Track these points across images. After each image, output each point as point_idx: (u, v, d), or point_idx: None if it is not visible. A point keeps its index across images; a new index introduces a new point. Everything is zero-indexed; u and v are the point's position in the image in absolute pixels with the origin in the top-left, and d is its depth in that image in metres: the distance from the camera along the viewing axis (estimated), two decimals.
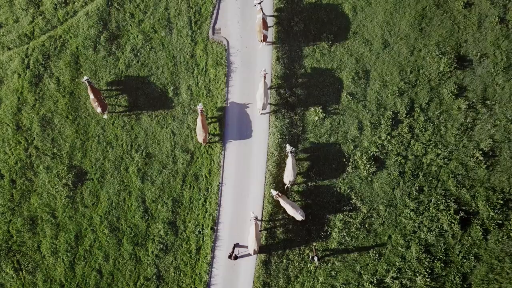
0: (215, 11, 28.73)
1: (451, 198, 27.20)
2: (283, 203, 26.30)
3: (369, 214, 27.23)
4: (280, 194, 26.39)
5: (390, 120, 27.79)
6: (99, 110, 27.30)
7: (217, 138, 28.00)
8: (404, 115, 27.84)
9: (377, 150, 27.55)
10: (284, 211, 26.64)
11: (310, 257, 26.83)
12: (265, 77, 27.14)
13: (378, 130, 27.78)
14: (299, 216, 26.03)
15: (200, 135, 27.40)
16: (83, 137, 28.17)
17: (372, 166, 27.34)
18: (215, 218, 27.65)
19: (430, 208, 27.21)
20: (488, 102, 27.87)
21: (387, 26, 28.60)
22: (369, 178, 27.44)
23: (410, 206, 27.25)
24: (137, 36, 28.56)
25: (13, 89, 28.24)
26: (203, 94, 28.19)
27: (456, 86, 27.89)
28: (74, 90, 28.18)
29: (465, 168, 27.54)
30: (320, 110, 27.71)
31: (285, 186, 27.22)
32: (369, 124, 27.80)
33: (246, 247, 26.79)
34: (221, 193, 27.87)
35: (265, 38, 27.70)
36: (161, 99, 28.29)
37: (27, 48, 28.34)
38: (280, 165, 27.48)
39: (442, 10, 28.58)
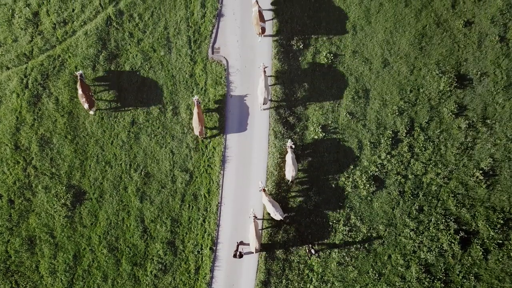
0: (214, 30, 32.80)
1: (451, 218, 31.34)
2: (264, 199, 29.94)
3: (368, 234, 31.44)
4: (265, 189, 30.34)
5: (390, 139, 31.92)
6: (86, 106, 30.92)
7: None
8: (404, 134, 31.89)
9: (377, 170, 31.74)
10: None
11: (308, 251, 30.89)
12: (264, 71, 31.02)
13: (378, 149, 32.00)
14: (278, 216, 29.60)
15: (196, 128, 31.04)
16: (82, 157, 32.39)
17: (371, 185, 31.51)
18: (214, 238, 31.68)
19: (430, 228, 31.38)
20: (488, 121, 31.93)
21: (387, 45, 32.88)
22: (369, 198, 31.62)
23: (410, 225, 31.43)
24: (136, 55, 32.80)
25: (11, 108, 32.35)
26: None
27: (456, 105, 32.00)
28: (73, 109, 32.37)
29: (465, 188, 31.70)
30: (320, 130, 31.99)
31: (289, 182, 31.13)
32: (368, 143, 31.97)
33: (248, 244, 30.73)
34: (220, 213, 32.01)
35: (263, 30, 31.50)
36: (160, 118, 32.50)
37: (26, 68, 32.40)
38: (279, 185, 31.81)
39: (442, 29, 32.81)
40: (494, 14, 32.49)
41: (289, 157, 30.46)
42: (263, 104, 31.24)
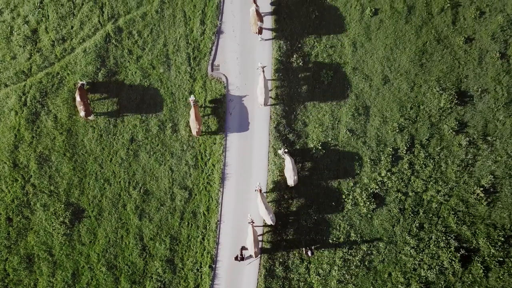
0: (214, 48, 35.77)
1: (452, 235, 34.48)
2: (259, 200, 32.73)
3: (369, 252, 34.61)
4: (261, 190, 33.23)
5: (390, 156, 35.01)
6: (82, 113, 33.81)
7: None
8: (404, 152, 34.92)
9: (377, 187, 34.88)
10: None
11: (305, 252, 33.72)
12: (263, 70, 34.03)
13: (378, 166, 35.19)
14: (269, 220, 32.36)
15: (193, 128, 33.98)
16: (81, 174, 35.54)
17: (372, 203, 34.61)
18: (213, 256, 34.49)
19: (431, 245, 34.53)
20: (489, 138, 34.93)
21: (387, 62, 36.09)
22: (369, 215, 34.73)
23: (411, 243, 34.59)
24: (135, 72, 35.93)
25: (10, 126, 35.39)
26: (202, 131, 35.78)
27: (457, 122, 35.06)
28: (72, 127, 35.46)
29: (465, 205, 34.83)
30: (320, 147, 35.35)
31: (291, 187, 33.97)
32: (369, 160, 35.08)
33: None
34: (219, 231, 35.03)
35: (260, 30, 34.48)
36: (160, 135, 35.61)
37: (24, 85, 35.35)
38: (279, 203, 35.09)
39: (443, 46, 36.01)
40: (495, 30, 35.44)
41: (288, 162, 33.46)
42: (264, 104, 34.34)
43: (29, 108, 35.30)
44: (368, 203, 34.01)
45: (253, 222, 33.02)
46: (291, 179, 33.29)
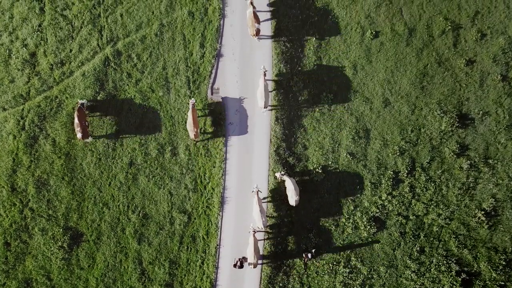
0: (213, 71, 42.61)
1: (453, 259, 41.03)
2: (255, 201, 39.54)
3: (369, 276, 41.17)
4: (260, 191, 40.29)
5: (391, 179, 41.72)
6: (79, 135, 40.55)
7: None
8: (405, 175, 41.58)
9: (378, 211, 41.53)
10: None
11: (304, 257, 40.31)
12: (265, 74, 41.15)
13: (378, 190, 41.87)
14: (260, 223, 39.15)
15: (191, 131, 40.77)
16: (79, 198, 42.22)
17: (372, 226, 41.18)
18: (212, 281, 40.69)
19: (432, 269, 41.13)
20: (490, 161, 41.61)
21: (388, 85, 42.94)
22: (370, 239, 41.61)
23: (411, 267, 41.16)
24: (135, 95, 42.62)
25: (8, 150, 42.07)
26: (201, 154, 42.05)
27: (458, 145, 41.69)
28: (70, 151, 42.26)
29: (467, 228, 41.45)
30: (320, 170, 42.08)
31: (291, 208, 40.47)
32: (369, 184, 41.82)
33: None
34: (219, 255, 41.31)
35: (257, 32, 41.84)
36: (159, 159, 42.35)
37: (23, 109, 42.17)
38: (280, 227, 41.73)
39: (444, 68, 42.84)
40: (496, 53, 42.42)
41: (289, 182, 40.18)
42: (264, 107, 41.25)
43: (28, 132, 42.14)
44: (369, 226, 40.68)
45: (255, 232, 39.71)
46: (292, 199, 40.05)
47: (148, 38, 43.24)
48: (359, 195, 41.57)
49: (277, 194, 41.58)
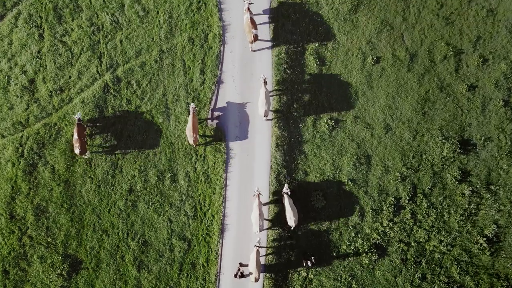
0: (213, 97, 51.24)
1: (455, 286, 47.99)
2: (255, 205, 46.48)
3: None
4: (261, 194, 47.98)
5: (392, 206, 49.29)
6: (77, 151, 48.35)
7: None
8: (407, 201, 49.37)
9: (379, 237, 49.19)
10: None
11: (305, 263, 47.72)
12: (265, 82, 49.48)
13: (379, 216, 49.58)
14: (257, 227, 45.97)
15: (190, 136, 48.33)
16: (78, 226, 49.95)
17: (373, 253, 48.50)
18: None
19: None
20: (492, 187, 49.44)
21: (389, 110, 51.09)
22: (371, 266, 48.58)
23: None
24: (134, 122, 51.12)
25: (6, 178, 49.95)
26: (201, 180, 50.19)
27: (460, 171, 49.43)
28: (70, 178, 50.33)
29: (468, 255, 48.87)
30: (321, 197, 50.00)
31: (291, 228, 48.13)
32: (370, 210, 49.42)
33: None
34: (219, 283, 48.43)
35: (255, 38, 50.31)
36: (158, 186, 50.24)
37: (22, 136, 50.28)
38: (280, 254, 49.61)
39: (445, 93, 51.05)
40: (498, 78, 51.04)
41: (287, 203, 47.93)
42: (264, 116, 49.58)
43: (26, 160, 50.55)
44: (370, 253, 48.81)
45: (259, 247, 47.29)
46: (291, 220, 47.67)
47: (148, 65, 52.03)
48: (360, 222, 49.50)
49: (278, 222, 49.30)
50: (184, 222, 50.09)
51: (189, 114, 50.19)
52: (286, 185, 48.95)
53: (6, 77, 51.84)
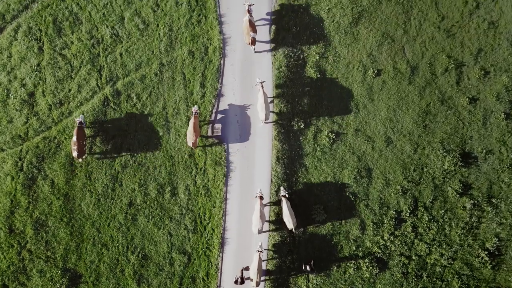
0: (214, 110, 56.06)
1: None
2: (256, 206, 50.30)
3: None
4: (262, 197, 52.10)
5: (393, 219, 53.81)
6: (75, 154, 52.36)
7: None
8: (408, 214, 53.90)
9: (380, 251, 53.55)
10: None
11: (304, 268, 51.78)
12: (262, 86, 54.15)
13: (380, 229, 54.05)
14: (256, 228, 49.41)
15: (190, 139, 51.96)
16: (78, 239, 54.44)
17: (374, 267, 52.76)
18: None
19: None
20: (493, 200, 53.94)
21: (390, 123, 55.77)
22: (372, 280, 52.90)
23: None
24: (134, 136, 55.78)
25: (6, 191, 54.46)
26: (201, 194, 54.66)
27: (461, 184, 53.93)
28: (69, 192, 54.92)
29: (470, 268, 53.12)
30: (322, 211, 54.58)
31: (291, 230, 52.68)
32: (371, 223, 53.91)
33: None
34: None
35: (253, 41, 54.90)
36: (158, 199, 54.76)
37: (21, 150, 54.92)
38: (281, 268, 54.11)
39: (447, 106, 55.81)
40: (500, 91, 55.80)
41: (285, 206, 52.11)
42: (265, 119, 54.23)
43: (26, 173, 55.23)
44: (371, 267, 53.33)
45: (261, 252, 51.55)
46: (290, 223, 52.18)
47: (148, 78, 56.82)
48: (361, 235, 54.02)
49: (278, 236, 53.88)
50: (184, 235, 54.52)
51: (191, 116, 55.07)
52: (282, 188, 53.75)
53: (6, 90, 56.48)
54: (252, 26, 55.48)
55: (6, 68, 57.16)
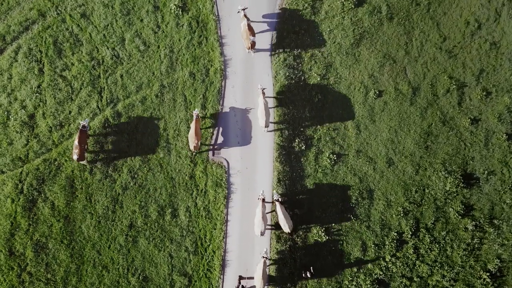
0: (215, 132, 63.99)
1: None
2: (258, 208, 56.56)
3: None
4: (264, 199, 57.81)
5: (395, 241, 61.16)
6: (75, 157, 58.77)
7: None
8: (409, 236, 61.25)
9: (381, 273, 60.49)
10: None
11: (303, 274, 59.03)
12: (263, 92, 60.61)
13: (382, 251, 61.31)
14: (258, 230, 56.90)
15: (192, 142, 58.95)
16: (78, 261, 61.68)
17: None
18: None
19: None
20: (495, 221, 61.40)
21: (392, 144, 63.64)
22: None
23: None
24: (134, 157, 63.87)
25: (6, 214, 62.05)
26: (202, 216, 62.18)
27: (463, 206, 61.37)
28: (69, 214, 62.52)
29: None
30: (323, 233, 62.32)
31: (288, 233, 59.75)
32: (373, 245, 61.27)
33: (252, 278, 57.45)
34: None
35: (253, 45, 61.98)
36: (159, 221, 62.20)
37: (21, 172, 62.91)
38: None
39: (448, 127, 63.63)
40: (501, 111, 63.91)
41: (279, 210, 58.34)
42: (265, 126, 61.81)
43: (26, 196, 63.08)
44: None
45: (266, 258, 57.86)
46: (285, 226, 59.20)
47: (149, 99, 64.94)
48: (362, 257, 61.37)
49: (279, 254, 61.86)
50: (185, 257, 61.56)
51: (192, 120, 62.19)
52: (275, 192, 61.01)
53: (6, 112, 64.45)
54: (251, 30, 63.32)
55: (7, 89, 65.15)
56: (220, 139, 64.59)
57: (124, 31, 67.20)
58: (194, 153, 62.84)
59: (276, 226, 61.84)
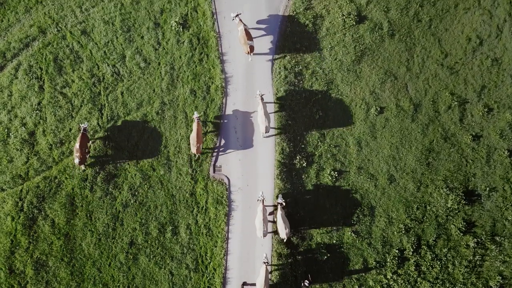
0: (216, 149, 70.69)
1: None
2: (259, 209, 61.33)
3: None
4: (264, 201, 63.16)
5: (396, 258, 67.24)
6: (76, 161, 64.20)
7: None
8: (411, 253, 67.46)
9: None
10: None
11: (302, 284, 64.43)
12: (262, 99, 65.80)
13: (383, 268, 67.20)
14: (260, 232, 61.72)
15: (193, 145, 63.89)
16: (79, 279, 67.75)
17: None
18: None
19: None
20: (497, 238, 67.75)
21: (393, 161, 70.19)
22: None
23: None
24: (135, 175, 69.88)
25: (6, 232, 68.18)
26: (202, 233, 68.37)
27: (464, 223, 67.85)
28: (70, 231, 68.88)
29: None
30: (324, 250, 68.39)
31: (284, 240, 65.15)
32: (374, 262, 67.32)
33: (254, 284, 62.71)
34: None
35: (251, 49, 68.16)
36: (160, 238, 68.54)
37: (21, 190, 69.30)
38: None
39: (450, 144, 70.32)
40: (503, 128, 70.46)
41: (279, 214, 63.37)
42: (265, 132, 67.27)
43: (26, 214, 69.09)
44: None
45: (268, 264, 62.15)
46: (283, 232, 64.24)
47: (149, 117, 71.31)
48: (363, 274, 67.26)
49: (280, 275, 68.19)
50: (185, 275, 67.00)
51: (193, 122, 67.47)
52: (280, 195, 66.31)
53: (6, 130, 70.53)
54: (248, 34, 69.51)
55: (7, 107, 71.35)
56: (221, 157, 71.31)
57: (124, 48, 72.87)
58: (195, 157, 68.48)
59: (275, 232, 67.04)
